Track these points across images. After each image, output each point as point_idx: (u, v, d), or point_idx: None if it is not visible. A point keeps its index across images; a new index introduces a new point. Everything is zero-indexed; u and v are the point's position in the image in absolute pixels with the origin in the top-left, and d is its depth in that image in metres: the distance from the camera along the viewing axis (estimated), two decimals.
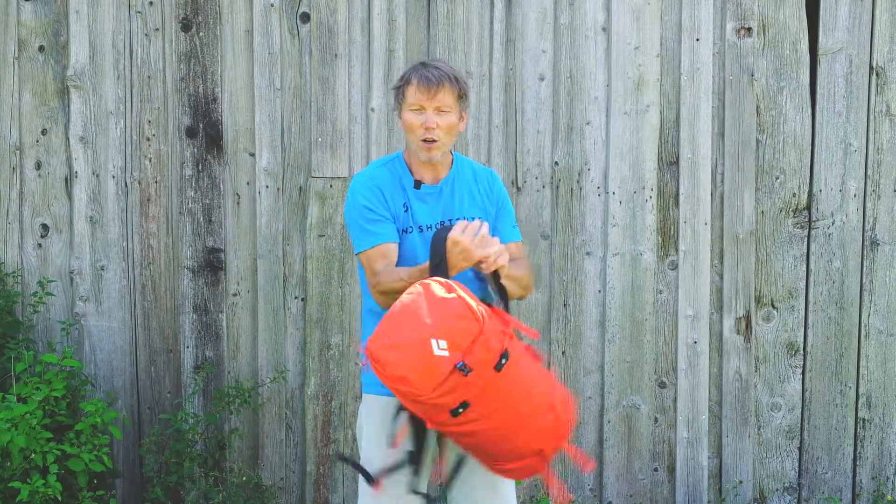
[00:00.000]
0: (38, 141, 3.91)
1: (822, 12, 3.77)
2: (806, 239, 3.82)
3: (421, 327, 2.29)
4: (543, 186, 3.81)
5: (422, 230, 2.63)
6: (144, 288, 3.91)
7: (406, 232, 2.65)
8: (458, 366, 2.27)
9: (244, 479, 3.82)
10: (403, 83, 2.64)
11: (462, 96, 2.64)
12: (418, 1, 3.80)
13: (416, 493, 2.64)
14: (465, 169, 2.73)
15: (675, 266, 3.82)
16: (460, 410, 2.30)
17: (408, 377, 2.27)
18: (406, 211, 2.65)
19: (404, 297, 2.37)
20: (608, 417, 3.86)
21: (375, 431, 2.68)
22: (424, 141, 2.60)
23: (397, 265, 2.60)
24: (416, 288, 2.38)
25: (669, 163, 3.80)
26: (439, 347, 2.27)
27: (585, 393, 3.86)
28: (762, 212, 3.81)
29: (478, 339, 2.31)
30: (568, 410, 2.55)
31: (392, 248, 2.60)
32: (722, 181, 3.80)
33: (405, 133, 2.67)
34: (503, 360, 2.33)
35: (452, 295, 2.35)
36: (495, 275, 2.53)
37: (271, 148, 3.83)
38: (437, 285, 2.37)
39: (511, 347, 2.37)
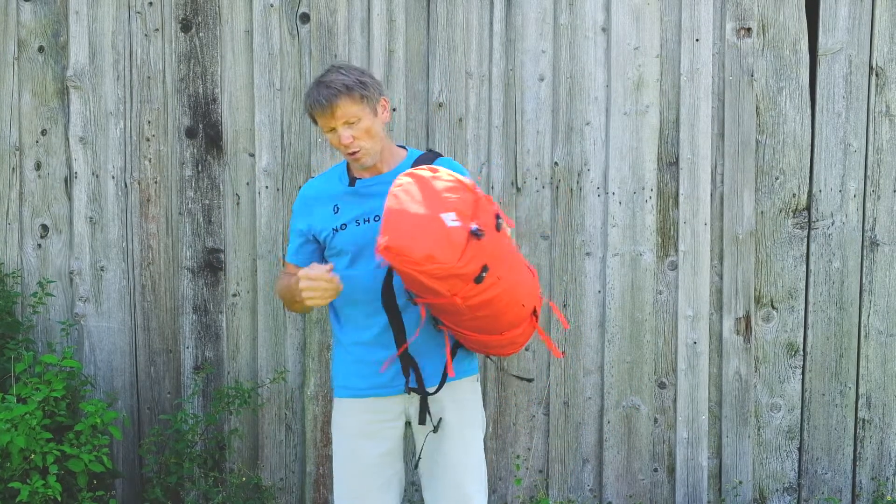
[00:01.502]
0: (37, 141, 3.91)
1: (821, 13, 3.77)
2: (806, 239, 3.82)
3: (426, 208, 2.38)
4: (543, 187, 3.81)
5: (358, 223, 2.70)
6: (144, 288, 3.91)
7: (340, 229, 2.72)
8: (473, 230, 2.36)
9: (244, 479, 3.83)
10: (309, 113, 2.71)
11: (364, 98, 2.65)
12: (418, 1, 3.80)
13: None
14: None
15: (674, 266, 3.82)
16: (483, 275, 2.39)
17: (433, 255, 2.33)
18: (336, 212, 2.74)
19: (396, 191, 2.45)
20: (608, 418, 3.86)
21: (344, 431, 2.73)
22: (350, 154, 2.68)
23: (343, 254, 2.73)
24: (405, 179, 2.47)
25: (669, 163, 3.80)
26: (451, 220, 2.37)
27: (585, 393, 3.86)
28: (762, 212, 3.81)
29: (477, 204, 2.44)
30: (534, 271, 2.73)
31: (294, 271, 2.76)
32: (722, 181, 3.80)
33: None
34: (500, 220, 2.47)
35: (439, 174, 2.46)
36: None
37: (271, 148, 3.83)
38: (422, 170, 2.48)
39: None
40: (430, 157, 2.73)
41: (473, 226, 2.37)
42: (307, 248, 2.80)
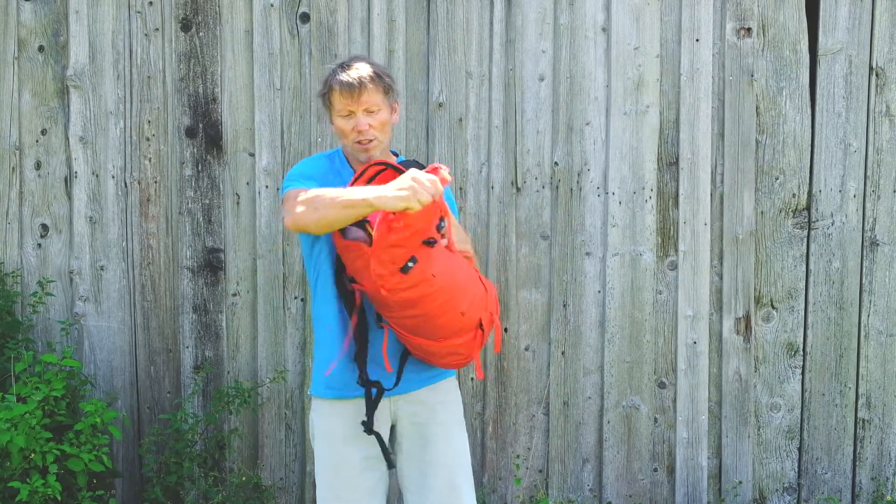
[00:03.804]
0: (37, 141, 3.91)
1: (821, 13, 3.77)
2: (805, 239, 3.82)
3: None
4: (543, 187, 3.81)
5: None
6: (144, 288, 3.91)
7: None
8: (427, 241, 2.42)
9: (244, 479, 3.83)
10: (327, 90, 2.65)
11: (388, 90, 2.65)
12: (418, 1, 3.80)
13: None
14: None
15: (674, 266, 3.82)
16: (410, 265, 2.40)
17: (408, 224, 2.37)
18: None
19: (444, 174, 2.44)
20: (608, 418, 3.86)
21: (327, 437, 2.71)
22: (359, 143, 2.64)
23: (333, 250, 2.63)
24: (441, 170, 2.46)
25: (669, 163, 3.80)
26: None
27: (585, 393, 3.86)
28: (762, 212, 3.81)
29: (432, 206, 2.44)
30: (491, 288, 2.70)
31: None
32: (722, 181, 3.80)
33: (339, 138, 2.71)
34: (443, 223, 2.49)
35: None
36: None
37: (271, 148, 3.83)
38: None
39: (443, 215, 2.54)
40: (415, 166, 2.69)
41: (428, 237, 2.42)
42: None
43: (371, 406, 2.62)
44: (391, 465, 2.68)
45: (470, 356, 2.66)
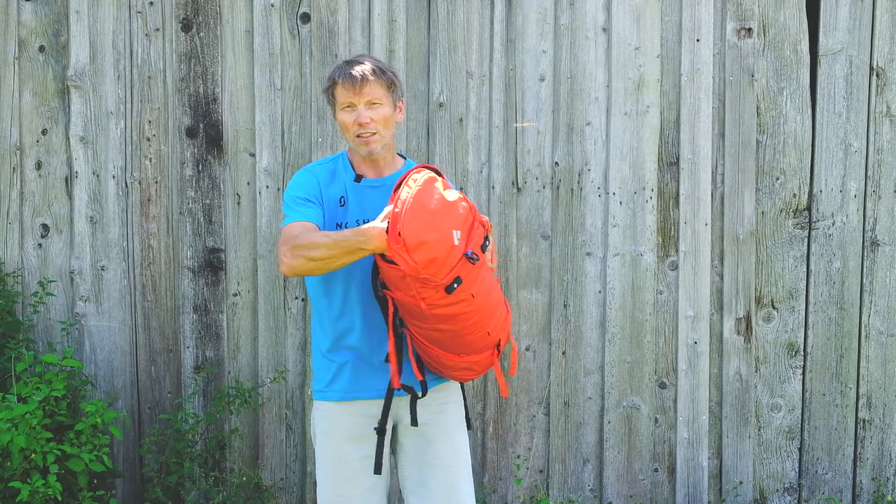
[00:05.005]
0: (38, 141, 3.91)
1: (822, 13, 3.77)
2: (806, 239, 3.82)
3: (443, 217, 2.42)
4: (544, 187, 3.82)
5: (359, 223, 2.64)
6: (145, 288, 3.91)
7: (341, 226, 2.67)
8: (468, 255, 2.43)
9: (244, 479, 3.83)
10: (331, 84, 2.67)
11: (392, 86, 2.66)
12: (419, 1, 3.80)
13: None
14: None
15: (675, 266, 3.82)
16: (455, 286, 2.42)
17: (433, 265, 2.38)
18: (342, 205, 2.69)
19: (419, 180, 2.45)
20: (608, 418, 3.86)
21: (329, 436, 2.72)
22: (360, 136, 2.64)
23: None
24: (425, 172, 2.49)
25: (670, 163, 3.80)
26: (457, 239, 2.43)
27: (585, 393, 3.86)
28: (762, 212, 3.81)
29: (473, 224, 2.49)
30: (510, 309, 2.74)
31: (313, 226, 2.61)
32: (722, 182, 3.80)
33: (342, 134, 2.71)
34: (487, 242, 2.53)
35: (447, 182, 2.53)
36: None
37: (271, 148, 3.83)
38: (435, 174, 2.51)
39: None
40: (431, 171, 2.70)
41: (469, 251, 2.43)
42: (318, 211, 2.66)
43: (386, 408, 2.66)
44: (377, 469, 2.68)
45: (480, 373, 2.70)
